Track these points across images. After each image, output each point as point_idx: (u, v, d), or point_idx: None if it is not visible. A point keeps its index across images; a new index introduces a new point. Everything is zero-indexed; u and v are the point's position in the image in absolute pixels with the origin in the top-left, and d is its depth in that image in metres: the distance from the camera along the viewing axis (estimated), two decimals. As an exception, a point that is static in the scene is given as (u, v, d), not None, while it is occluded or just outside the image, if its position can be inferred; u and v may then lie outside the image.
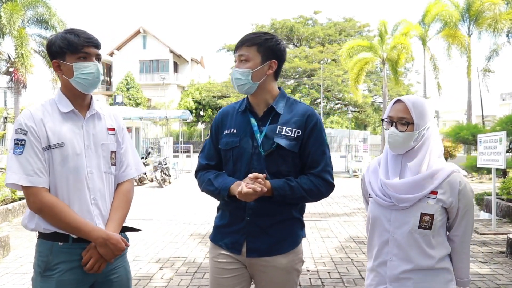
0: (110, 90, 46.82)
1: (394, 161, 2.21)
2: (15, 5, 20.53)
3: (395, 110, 2.18)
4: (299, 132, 2.26)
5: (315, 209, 10.57)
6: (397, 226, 2.15)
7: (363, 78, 24.74)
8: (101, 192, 2.25)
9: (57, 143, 2.16)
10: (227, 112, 2.44)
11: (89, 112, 2.29)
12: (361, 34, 45.83)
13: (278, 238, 2.27)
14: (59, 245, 2.16)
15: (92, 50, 2.21)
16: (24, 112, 2.22)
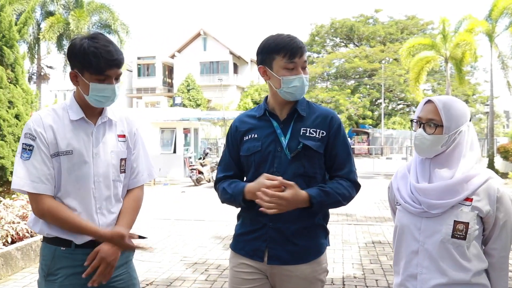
0: (171, 91, 47.94)
1: (421, 165, 2.06)
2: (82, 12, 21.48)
3: (424, 110, 2.03)
4: (324, 133, 2.23)
5: (372, 213, 10.31)
6: (427, 235, 1.98)
7: (425, 78, 23.88)
8: (107, 201, 2.22)
9: (65, 150, 2.13)
10: (243, 120, 2.38)
11: (100, 119, 2.25)
12: (425, 32, 44.31)
13: (301, 246, 2.20)
14: (62, 250, 2.14)
15: (113, 72, 2.14)
16: (34, 116, 2.20)
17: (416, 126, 2.06)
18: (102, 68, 2.10)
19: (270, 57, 2.18)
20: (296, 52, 2.14)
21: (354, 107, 41.02)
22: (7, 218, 5.99)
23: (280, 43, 2.15)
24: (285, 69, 2.16)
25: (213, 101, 45.62)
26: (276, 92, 2.22)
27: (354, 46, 47.63)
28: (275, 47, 2.16)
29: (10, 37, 8.06)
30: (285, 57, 2.14)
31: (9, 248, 5.66)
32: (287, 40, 2.16)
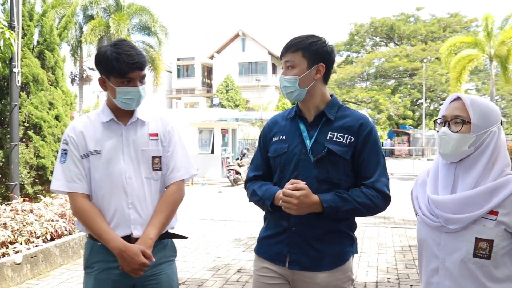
0: (210, 92, 48.38)
1: (446, 172, 1.83)
2: (122, 15, 21.96)
3: (450, 108, 1.83)
4: (352, 139, 2.14)
5: (410, 216, 10.07)
6: (447, 252, 1.76)
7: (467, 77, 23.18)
8: (140, 197, 2.27)
9: (93, 149, 2.25)
10: (275, 121, 2.38)
11: (130, 120, 2.33)
12: (468, 30, 43.10)
13: (323, 252, 2.13)
14: (98, 245, 2.25)
15: (136, 74, 2.23)
16: (70, 124, 2.38)
17: (440, 126, 1.85)
18: (124, 71, 2.19)
19: None
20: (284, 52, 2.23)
21: (394, 107, 40.29)
22: (47, 216, 6.17)
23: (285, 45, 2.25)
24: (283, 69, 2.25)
25: (252, 101, 45.75)
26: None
27: (395, 45, 46.78)
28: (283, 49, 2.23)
29: (51, 41, 8.32)
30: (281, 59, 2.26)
31: (48, 245, 5.83)
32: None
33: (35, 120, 7.74)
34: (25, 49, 7.83)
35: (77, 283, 5.30)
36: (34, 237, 5.77)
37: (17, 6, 6.94)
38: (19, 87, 7.20)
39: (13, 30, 6.72)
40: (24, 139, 7.77)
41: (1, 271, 5.02)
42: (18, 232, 5.63)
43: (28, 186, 7.63)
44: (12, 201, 6.46)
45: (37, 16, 8.43)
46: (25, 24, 7.97)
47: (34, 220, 5.92)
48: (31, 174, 7.67)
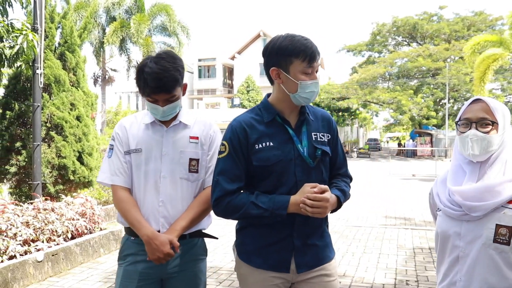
0: (231, 92, 48.57)
1: (471, 169, 1.93)
2: (143, 16, 22.19)
3: (473, 110, 1.91)
4: (329, 136, 2.24)
5: (431, 217, 9.94)
6: (468, 240, 1.86)
7: (492, 77, 22.74)
8: (171, 197, 2.36)
9: (135, 148, 2.40)
10: (251, 125, 2.15)
11: (173, 123, 2.43)
12: (493, 29, 42.34)
13: (318, 247, 2.21)
14: (132, 239, 2.39)
15: (160, 96, 2.30)
16: (120, 121, 2.53)
17: (464, 127, 1.93)
18: (148, 93, 2.32)
19: (287, 60, 2.06)
20: (315, 57, 2.07)
21: (417, 108, 39.83)
22: (68, 215, 6.27)
23: (299, 46, 2.05)
24: (303, 74, 2.07)
25: (272, 102, 45.62)
26: (287, 97, 2.12)
27: (417, 45, 46.26)
28: (293, 50, 2.04)
29: (72, 42, 8.45)
30: (304, 61, 2.05)
31: (69, 244, 5.93)
32: (305, 43, 2.06)
33: (57, 121, 7.87)
34: (47, 51, 7.97)
35: (97, 282, 5.37)
36: (55, 235, 5.87)
37: (40, 9, 7.08)
38: (41, 88, 7.33)
39: (36, 32, 6.85)
40: (46, 139, 7.91)
41: (23, 268, 5.12)
42: (40, 231, 5.74)
43: (50, 186, 7.76)
44: (35, 200, 6.58)
45: (58, 18, 8.58)
46: (47, 26, 8.12)
47: (55, 219, 6.02)
48: (53, 173, 7.80)
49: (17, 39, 6.04)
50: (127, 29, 22.58)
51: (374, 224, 9.06)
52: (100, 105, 26.27)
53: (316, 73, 2.12)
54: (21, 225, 5.59)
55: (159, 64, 2.26)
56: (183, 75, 2.40)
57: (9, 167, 7.68)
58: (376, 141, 58.11)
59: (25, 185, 7.84)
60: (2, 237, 5.24)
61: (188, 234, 2.38)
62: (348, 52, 48.94)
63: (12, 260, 5.09)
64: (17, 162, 7.70)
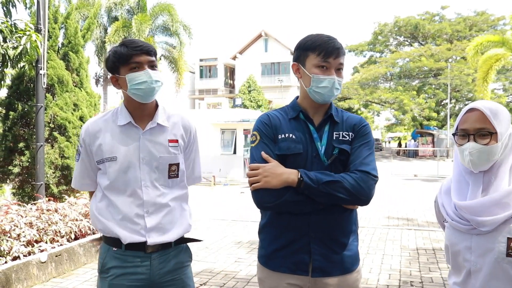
0: (233, 92, 48.55)
1: (474, 180, 1.83)
2: (144, 16, 22.22)
3: (469, 121, 1.80)
4: (353, 135, 2.16)
5: (435, 218, 9.93)
6: (479, 254, 1.78)
7: (494, 77, 22.68)
8: (156, 206, 2.23)
9: (109, 156, 2.21)
10: (276, 118, 2.18)
11: (150, 125, 2.26)
12: (495, 29, 42.26)
13: (342, 255, 2.09)
14: (113, 250, 2.23)
15: (142, 58, 2.18)
16: (86, 123, 2.33)
17: (462, 139, 1.83)
18: (130, 54, 2.16)
19: (305, 54, 2.10)
20: (332, 52, 2.05)
21: (419, 108, 39.79)
22: (71, 215, 6.26)
23: (317, 41, 2.07)
24: (317, 68, 2.06)
25: (274, 102, 45.73)
26: (307, 94, 2.12)
27: (419, 45, 46.20)
28: (311, 45, 2.08)
29: (75, 43, 8.47)
30: (319, 56, 2.05)
31: (72, 244, 5.92)
32: (325, 39, 2.08)
33: (60, 121, 7.89)
34: (50, 51, 7.98)
35: (100, 282, 5.37)
36: (58, 236, 5.87)
37: (43, 9, 7.09)
38: (44, 89, 7.34)
39: (40, 32, 6.85)
40: (50, 140, 7.92)
41: (27, 269, 5.12)
42: (44, 231, 5.73)
43: (53, 186, 7.77)
44: (38, 200, 6.58)
45: (62, 18, 8.60)
46: (50, 27, 8.13)
47: (58, 220, 6.01)
48: (56, 174, 7.81)
49: (20, 39, 6.04)
50: (129, 29, 22.60)
51: (377, 225, 9.03)
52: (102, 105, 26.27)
53: (340, 72, 2.10)
54: (24, 225, 5.58)
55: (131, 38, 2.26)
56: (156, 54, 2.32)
57: (12, 167, 7.70)
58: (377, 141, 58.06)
59: (28, 186, 7.85)
60: (5, 238, 5.24)
61: (174, 242, 2.27)
62: (350, 52, 48.86)
63: (15, 261, 5.08)
64: (20, 163, 7.72)
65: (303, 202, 2.00)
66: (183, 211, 2.34)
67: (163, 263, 2.23)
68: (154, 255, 2.22)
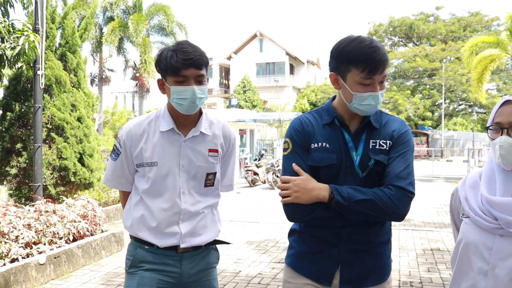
0: (228, 92, 48.51)
1: (504, 178, 1.73)
2: (140, 16, 22.19)
3: (505, 114, 1.72)
4: (390, 143, 2.00)
5: (431, 218, 9.97)
6: (500, 257, 1.67)
7: (489, 77, 22.83)
8: (191, 214, 2.24)
9: (150, 161, 2.21)
10: (309, 122, 2.04)
11: (192, 133, 2.24)
12: (489, 29, 42.44)
13: (372, 267, 2.01)
14: (145, 248, 2.25)
15: (190, 72, 2.10)
16: (126, 124, 2.31)
17: (495, 133, 1.75)
18: (178, 68, 2.09)
19: (346, 68, 1.90)
20: (378, 68, 1.87)
21: (413, 108, 39.93)
22: (69, 217, 6.23)
23: (360, 54, 1.85)
24: (360, 85, 1.89)
25: (269, 102, 45.75)
26: (346, 103, 1.98)
27: (414, 45, 46.32)
28: (354, 58, 1.87)
29: (73, 43, 8.44)
30: (363, 72, 1.86)
31: (70, 246, 5.90)
32: (369, 51, 1.85)
33: (58, 122, 7.86)
34: (48, 52, 7.94)
35: (99, 284, 5.35)
36: (57, 237, 5.84)
37: (41, 9, 7.05)
38: (42, 89, 7.30)
39: (37, 33, 6.81)
40: (47, 141, 7.88)
41: (26, 271, 5.09)
42: (42, 233, 5.71)
43: (51, 187, 7.73)
44: (36, 202, 6.55)
45: (59, 18, 8.56)
46: (48, 27, 8.08)
47: (57, 221, 5.99)
48: (53, 175, 7.77)
49: (18, 40, 6.00)
50: (126, 29, 22.55)
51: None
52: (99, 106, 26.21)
53: (383, 83, 1.93)
54: (22, 227, 5.55)
55: (186, 44, 2.16)
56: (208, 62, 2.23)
57: (9, 168, 7.65)
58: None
59: (25, 187, 7.80)
60: (4, 240, 5.21)
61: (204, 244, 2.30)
62: (345, 52, 48.88)
63: (14, 263, 5.06)
64: (17, 164, 7.67)
65: (334, 218, 1.92)
66: (213, 216, 2.36)
67: (193, 263, 2.26)
68: (186, 255, 2.24)
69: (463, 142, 42.00)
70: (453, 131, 44.65)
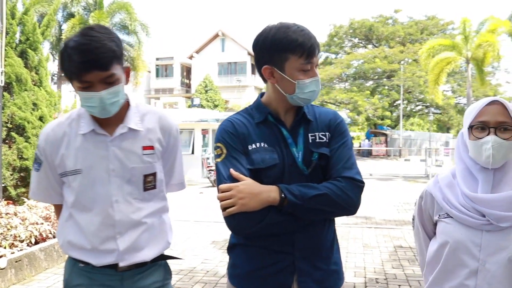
0: (189, 92, 48.17)
1: (484, 176, 1.76)
2: (101, 13, 21.79)
3: (490, 113, 1.73)
4: (329, 135, 1.88)
5: (391, 216, 10.20)
6: (490, 252, 1.70)
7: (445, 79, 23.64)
8: (130, 224, 1.92)
9: (73, 169, 1.89)
10: (241, 123, 1.86)
11: (119, 130, 1.91)
12: (445, 33, 43.85)
13: (328, 271, 1.89)
14: (80, 267, 1.95)
15: (93, 76, 1.73)
16: (45, 128, 1.99)
17: (480, 132, 1.75)
18: (76, 74, 1.74)
19: (283, 57, 1.75)
20: (314, 50, 1.76)
21: (372, 108, 40.79)
22: (31, 219, 6.07)
23: (295, 39, 1.73)
24: (301, 71, 1.76)
25: (231, 102, 45.72)
26: (284, 97, 1.83)
27: (373, 47, 47.31)
28: (289, 45, 1.73)
29: (34, 40, 8.20)
30: (302, 57, 1.74)
31: (33, 249, 5.73)
32: (302, 34, 1.75)
33: (18, 121, 7.63)
34: (8, 48, 7.69)
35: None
36: (18, 240, 5.67)
37: (0, 5, 6.82)
38: (2, 87, 7.06)
39: (-4, 29, 6.60)
40: (7, 141, 7.63)
41: (-14, 275, 4.92)
42: (2, 236, 5.53)
43: (11, 188, 7.49)
44: (-5, 203, 6.34)
45: (19, 14, 8.30)
46: (7, 23, 7.82)
47: (18, 224, 5.81)
48: (14, 176, 7.54)
49: (-23, 36, 5.80)
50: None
51: (337, 224, 9.17)
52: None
53: (316, 68, 1.82)
54: (-18, 230, 5.37)
55: (88, 34, 1.74)
56: (122, 50, 1.85)
57: (-34, 169, 7.37)
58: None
59: (-18, 188, 7.54)
60: (-37, 243, 5.02)
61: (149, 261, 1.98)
62: (306, 53, 49.41)
63: (-26, 267, 4.89)
64: (-25, 164, 7.40)
65: (286, 222, 1.74)
66: (162, 225, 2.04)
67: (137, 283, 1.96)
68: (127, 273, 1.94)
69: (420, 142, 43.17)
70: (410, 131, 45.85)
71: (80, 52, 1.69)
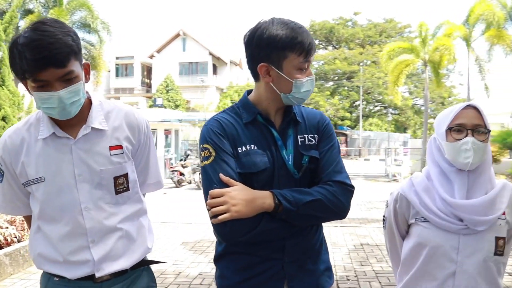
0: (150, 92, 47.60)
1: (460, 178, 1.82)
2: (61, 10, 21.22)
3: (467, 116, 1.80)
4: (317, 137, 1.84)
5: (355, 215, 10.40)
6: (467, 254, 1.79)
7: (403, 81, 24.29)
8: (104, 231, 1.79)
9: (35, 178, 1.76)
10: (229, 124, 1.78)
11: (82, 131, 1.77)
12: (402, 36, 45.05)
13: (317, 272, 1.86)
14: (55, 281, 1.84)
15: (49, 74, 1.59)
16: (3, 135, 1.85)
17: (458, 134, 1.81)
18: (30, 73, 1.59)
19: (281, 55, 1.68)
20: (312, 48, 1.71)
21: (333, 109, 41.43)
22: (-5, 222, 5.88)
23: (295, 37, 1.66)
24: (299, 70, 1.71)
25: (192, 102, 45.46)
26: (277, 96, 1.76)
27: (333, 48, 48.06)
28: (289, 42, 1.66)
29: (-5, 38, 7.94)
30: (301, 56, 1.68)
31: (-3, 254, 5.56)
32: (301, 32, 1.68)
33: (-22, 122, 7.37)
34: (-33, 46, 7.42)
35: (33, 292, 5.09)
36: (-18, 245, 5.49)
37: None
38: (-39, 87, 6.81)
39: (-44, 26, 6.35)
40: (-34, 142, 7.36)
41: (-50, 282, 4.74)
42: (-35, 241, 5.34)
43: (-29, 191, 7.23)
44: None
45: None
46: (-33, 20, 7.56)
47: (-18, 228, 5.63)
48: (-26, 178, 7.27)
49: None
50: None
51: (305, 223, 9.29)
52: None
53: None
54: None
55: (40, 29, 1.58)
56: (79, 45, 1.68)
57: None
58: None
59: None
60: None
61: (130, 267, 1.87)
62: (267, 54, 49.64)
63: None
64: None
65: (279, 229, 1.69)
66: (140, 229, 1.92)
67: None
68: (106, 284, 1.82)
69: (379, 142, 44.16)
70: (369, 131, 46.77)
71: (32, 48, 1.54)
